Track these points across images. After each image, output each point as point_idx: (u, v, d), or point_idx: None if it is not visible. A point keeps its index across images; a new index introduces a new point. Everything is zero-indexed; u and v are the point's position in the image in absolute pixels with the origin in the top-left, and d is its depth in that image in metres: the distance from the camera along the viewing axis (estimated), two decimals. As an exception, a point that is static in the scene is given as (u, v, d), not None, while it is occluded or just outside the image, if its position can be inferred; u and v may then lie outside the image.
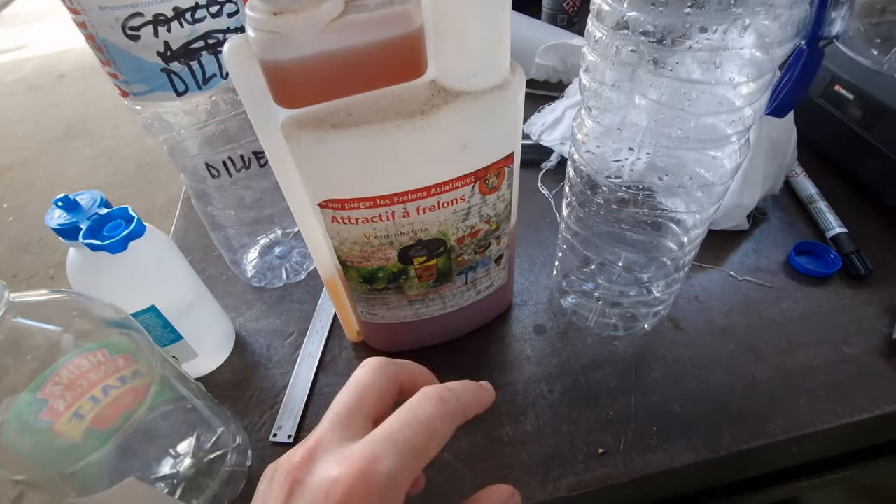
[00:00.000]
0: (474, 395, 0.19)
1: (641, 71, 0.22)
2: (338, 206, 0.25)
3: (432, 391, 0.17)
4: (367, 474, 0.15)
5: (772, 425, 0.31)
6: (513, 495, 0.19)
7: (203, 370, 0.36)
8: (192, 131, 0.31)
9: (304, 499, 0.15)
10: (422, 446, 0.16)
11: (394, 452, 0.15)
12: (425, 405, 0.17)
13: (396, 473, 0.15)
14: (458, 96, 0.23)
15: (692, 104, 0.22)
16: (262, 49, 0.20)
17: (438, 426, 0.17)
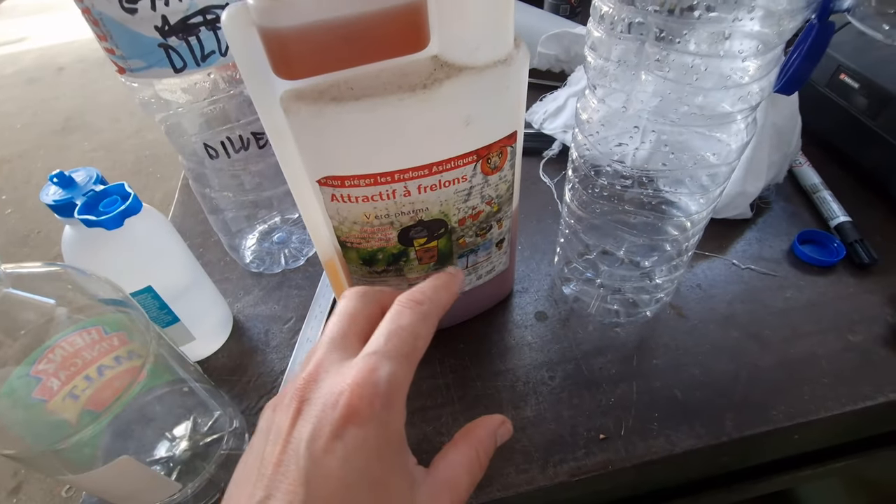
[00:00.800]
0: (445, 288, 0.20)
1: (648, 45, 0.22)
2: (337, 183, 0.25)
3: (405, 298, 0.19)
4: (369, 382, 0.16)
5: (774, 412, 0.31)
6: (503, 423, 0.21)
7: (200, 354, 0.36)
8: (191, 110, 0.31)
9: (312, 414, 0.16)
10: (410, 349, 0.18)
11: (387, 360, 0.17)
12: (405, 313, 0.18)
13: (394, 377, 0.17)
14: (461, 70, 0.23)
15: (699, 79, 0.21)
16: (261, 16, 0.19)
17: (420, 328, 0.18)
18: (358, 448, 0.16)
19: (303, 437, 0.16)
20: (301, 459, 0.15)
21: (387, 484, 0.16)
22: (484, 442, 0.20)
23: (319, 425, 0.16)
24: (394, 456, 0.17)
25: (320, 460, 0.15)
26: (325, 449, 0.15)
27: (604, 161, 0.29)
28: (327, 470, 0.15)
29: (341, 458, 0.15)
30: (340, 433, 0.15)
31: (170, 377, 0.27)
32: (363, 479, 0.16)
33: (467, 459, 0.19)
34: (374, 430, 0.16)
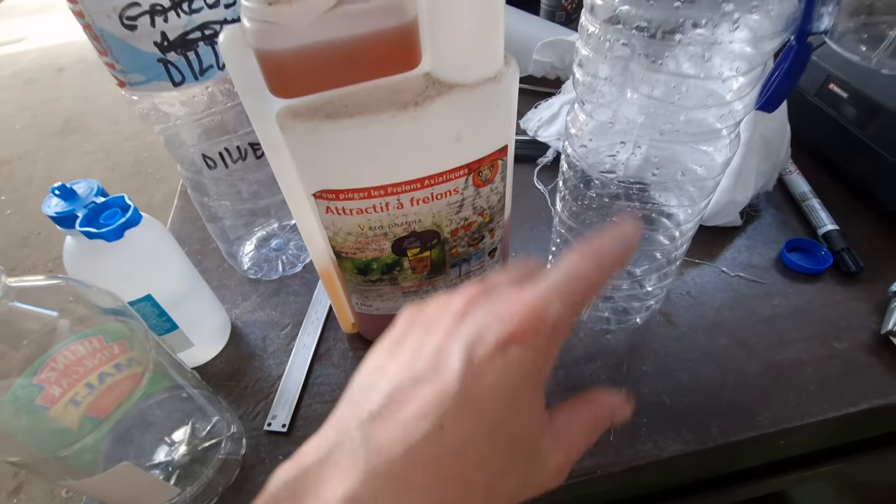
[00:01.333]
0: (626, 243, 0.19)
1: (633, 65, 0.23)
2: (332, 196, 0.25)
3: (589, 247, 0.18)
4: (539, 314, 0.16)
5: (760, 418, 0.31)
6: (625, 402, 0.20)
7: (198, 360, 0.37)
8: (189, 122, 0.32)
9: (479, 320, 0.17)
10: (581, 298, 0.18)
11: (560, 301, 0.17)
12: (587, 262, 0.18)
13: (563, 318, 0.17)
14: (451, 88, 0.23)
15: (683, 98, 0.22)
16: (256, 38, 0.20)
17: (596, 280, 0.18)
18: (515, 365, 0.16)
19: (467, 336, 0.16)
20: (461, 356, 0.16)
21: (528, 408, 0.16)
22: (603, 410, 0.19)
23: (484, 332, 0.16)
24: (538, 389, 0.17)
25: (480, 364, 0.16)
26: (487, 355, 0.16)
27: (593, 172, 0.29)
28: (484, 375, 0.15)
29: (499, 368, 0.16)
30: (503, 347, 0.16)
31: (168, 384, 0.28)
32: (512, 394, 0.16)
33: (586, 422, 0.19)
34: (532, 356, 0.16)
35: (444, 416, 0.15)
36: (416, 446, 0.14)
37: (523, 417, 0.16)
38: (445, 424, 0.15)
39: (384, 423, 0.15)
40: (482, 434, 0.15)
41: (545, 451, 0.17)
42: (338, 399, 0.35)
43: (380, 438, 0.15)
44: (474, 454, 0.15)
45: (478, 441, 0.15)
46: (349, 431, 0.15)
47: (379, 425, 0.15)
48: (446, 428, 0.15)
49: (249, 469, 0.32)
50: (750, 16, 0.20)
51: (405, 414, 0.15)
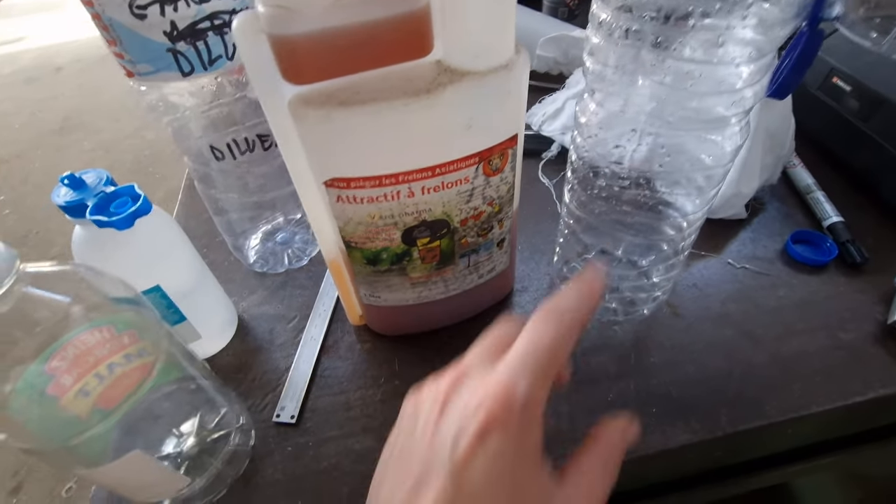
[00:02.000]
0: (589, 296, 0.20)
1: (644, 52, 0.23)
2: (343, 185, 0.25)
3: (548, 309, 0.19)
4: (507, 396, 0.17)
5: (768, 407, 0.32)
6: (632, 423, 0.21)
7: (206, 352, 0.37)
8: (197, 113, 0.32)
9: (455, 415, 0.17)
10: (548, 365, 0.18)
11: (526, 375, 0.17)
12: (547, 329, 0.18)
13: (531, 392, 0.17)
14: (463, 76, 0.23)
15: (694, 84, 0.22)
16: (270, 23, 0.20)
17: (561, 344, 0.18)
18: (498, 454, 0.16)
19: (449, 434, 0.17)
20: (447, 455, 0.16)
21: (527, 486, 0.17)
22: (617, 446, 0.20)
23: (462, 427, 0.17)
24: (532, 466, 0.17)
25: (465, 459, 0.16)
26: (469, 449, 0.16)
27: (602, 162, 0.29)
28: (472, 468, 0.16)
29: (483, 460, 0.16)
30: (482, 437, 0.16)
31: (178, 374, 0.28)
32: (505, 482, 0.16)
33: (601, 467, 0.19)
34: (512, 439, 0.16)
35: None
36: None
37: (524, 497, 0.17)
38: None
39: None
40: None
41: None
42: (346, 391, 0.35)
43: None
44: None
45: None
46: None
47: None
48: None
49: (258, 461, 0.32)
50: (762, 2, 0.20)
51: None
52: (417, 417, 0.19)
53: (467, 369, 0.19)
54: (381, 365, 0.36)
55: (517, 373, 0.17)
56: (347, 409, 0.33)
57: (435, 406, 0.18)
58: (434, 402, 0.18)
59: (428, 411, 0.19)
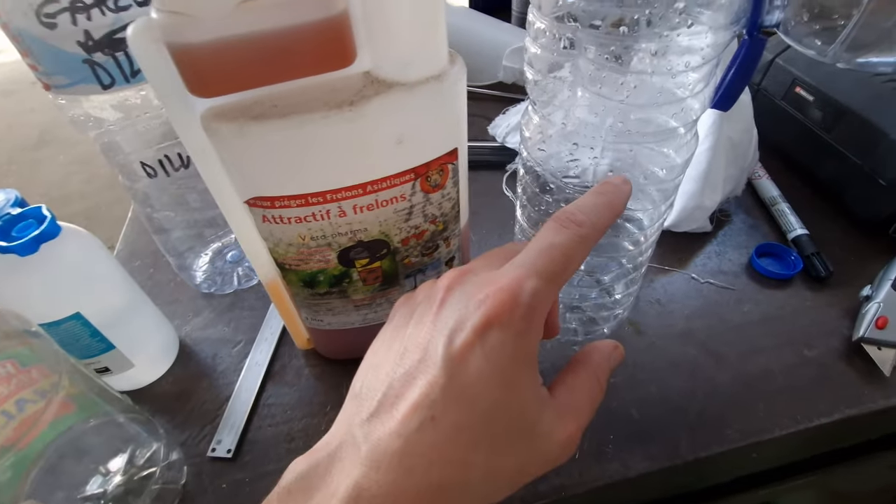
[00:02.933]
0: (608, 207, 0.19)
1: (581, 61, 0.21)
2: (267, 204, 0.24)
3: (564, 216, 0.18)
4: (513, 293, 0.16)
5: (730, 431, 0.30)
6: (616, 347, 0.21)
7: (141, 381, 0.34)
8: (125, 127, 0.30)
9: (456, 307, 0.17)
10: (559, 270, 0.17)
11: (536, 277, 0.17)
12: (561, 232, 0.18)
13: (539, 295, 0.17)
14: (391, 87, 0.22)
15: (633, 95, 0.21)
16: (167, 32, 0.18)
17: (576, 251, 0.18)
18: (496, 349, 0.16)
19: (447, 325, 0.17)
20: (443, 347, 0.16)
21: (518, 388, 0.16)
22: (602, 366, 0.20)
23: (462, 319, 0.16)
24: (527, 367, 0.17)
25: (461, 352, 0.16)
26: (466, 342, 0.16)
27: (556, 178, 0.28)
28: (467, 362, 0.16)
29: (480, 354, 0.16)
30: (482, 332, 0.16)
31: (91, 412, 0.26)
32: (499, 377, 0.16)
33: (588, 384, 0.19)
34: (511, 337, 0.16)
35: (434, 406, 0.16)
36: (411, 437, 0.15)
37: (516, 397, 0.16)
38: (437, 414, 0.15)
39: (381, 420, 0.16)
40: (474, 418, 0.16)
41: (548, 425, 0.17)
42: (290, 420, 0.33)
43: (378, 434, 0.16)
44: (468, 438, 0.16)
45: (471, 425, 0.16)
46: (352, 429, 0.17)
47: (377, 422, 0.16)
48: (438, 417, 0.15)
49: (190, 500, 0.29)
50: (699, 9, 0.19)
51: (400, 409, 0.16)
52: (413, 311, 0.19)
53: (471, 268, 0.19)
54: (328, 391, 0.34)
55: (526, 272, 0.17)
56: (289, 441, 0.31)
57: (433, 300, 0.18)
58: (432, 297, 0.18)
59: (425, 304, 0.18)
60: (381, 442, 0.16)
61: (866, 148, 0.39)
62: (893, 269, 0.35)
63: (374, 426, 0.16)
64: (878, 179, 0.38)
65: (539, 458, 0.17)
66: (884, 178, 0.38)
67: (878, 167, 0.38)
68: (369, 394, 0.17)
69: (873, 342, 0.33)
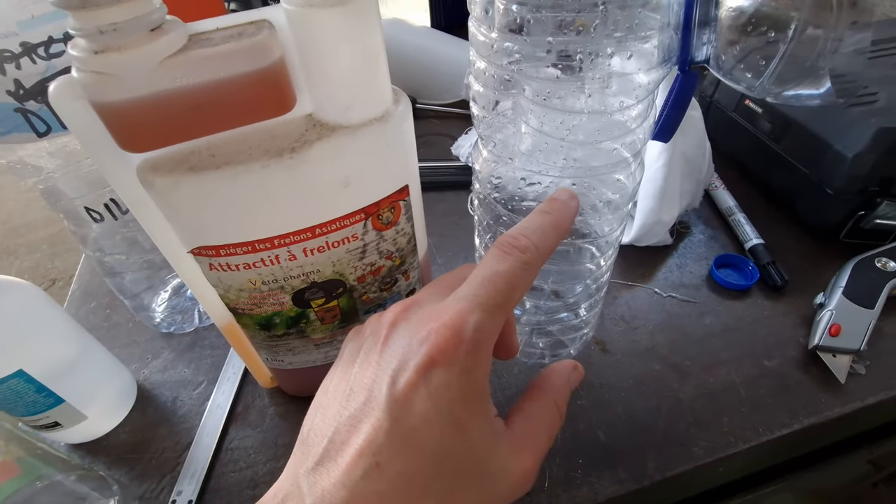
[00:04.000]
0: (553, 229, 0.18)
1: (521, 100, 0.22)
2: (212, 252, 0.23)
3: (506, 242, 0.18)
4: (456, 329, 0.16)
5: (696, 448, 0.30)
6: (575, 367, 0.21)
7: (96, 433, 0.33)
8: (66, 173, 0.29)
9: (399, 346, 0.16)
10: (504, 300, 0.17)
11: (479, 309, 0.16)
12: (506, 260, 0.17)
13: (483, 328, 0.16)
14: (333, 130, 0.22)
15: (572, 132, 0.21)
16: (90, 91, 0.18)
17: (520, 278, 0.17)
18: (440, 388, 0.15)
19: (391, 365, 0.16)
20: (386, 388, 0.16)
21: (469, 428, 0.16)
22: (560, 390, 0.19)
23: (405, 358, 0.16)
24: (477, 403, 0.16)
25: (405, 393, 0.15)
26: (410, 382, 0.15)
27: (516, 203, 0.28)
28: (411, 403, 0.15)
29: (425, 395, 0.15)
30: (425, 372, 0.15)
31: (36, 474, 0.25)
32: (445, 418, 0.15)
33: (546, 411, 0.19)
34: (457, 375, 0.16)
35: (379, 452, 0.15)
36: (356, 487, 0.15)
37: (465, 437, 0.16)
38: (382, 461, 0.15)
39: (326, 468, 0.16)
40: (422, 464, 0.15)
41: (503, 462, 0.17)
42: (253, 465, 0.32)
43: (323, 485, 0.15)
44: (416, 485, 0.15)
45: (418, 471, 0.15)
46: (297, 479, 0.16)
47: (322, 471, 0.16)
48: (383, 464, 0.15)
49: (148, 557, 0.28)
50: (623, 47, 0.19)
51: (344, 457, 0.15)
52: (360, 347, 0.18)
53: (417, 301, 0.18)
54: (293, 430, 0.33)
55: (469, 305, 0.16)
56: (253, 487, 0.30)
57: (378, 337, 0.17)
58: (377, 334, 0.18)
59: (371, 343, 0.18)
60: (326, 494, 0.15)
61: (813, 158, 0.40)
62: (844, 276, 0.36)
63: (320, 476, 0.16)
64: (826, 188, 0.40)
65: (494, 498, 0.17)
66: (831, 188, 0.39)
67: (825, 176, 0.39)
68: (315, 440, 0.17)
69: (828, 350, 0.34)
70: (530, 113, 0.21)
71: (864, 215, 0.39)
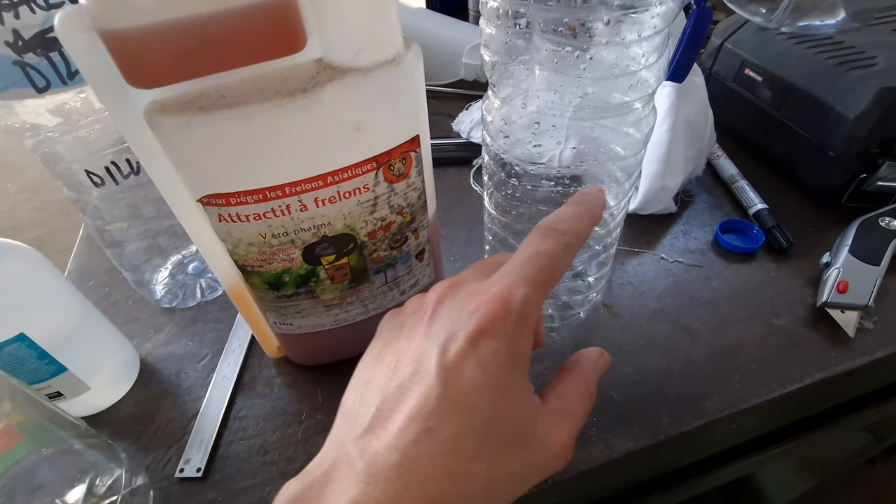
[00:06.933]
0: (589, 215, 0.19)
1: (536, 38, 0.21)
2: (221, 201, 0.22)
3: (547, 226, 0.19)
4: (504, 301, 0.16)
5: (709, 404, 0.30)
6: (602, 355, 0.22)
7: (99, 405, 0.32)
8: (66, 133, 0.28)
9: (448, 318, 0.17)
10: (546, 277, 0.18)
11: (525, 284, 0.17)
12: (546, 240, 0.18)
13: (529, 302, 0.17)
14: (345, 73, 0.21)
15: (588, 67, 0.21)
16: (98, 19, 0.17)
17: (561, 258, 0.18)
18: (490, 357, 0.16)
19: (440, 336, 0.16)
20: (436, 357, 0.16)
21: (514, 396, 0.17)
22: (590, 373, 0.20)
23: (455, 329, 0.16)
24: (520, 374, 0.17)
25: (455, 361, 0.16)
26: (460, 351, 0.16)
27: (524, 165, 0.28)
28: (461, 371, 0.16)
29: (474, 363, 0.16)
30: (474, 342, 0.16)
31: (43, 441, 0.24)
32: (494, 385, 0.16)
33: (578, 390, 0.20)
34: (505, 344, 0.16)
35: (430, 417, 0.15)
36: (408, 450, 0.15)
37: (511, 404, 0.17)
38: (433, 426, 0.15)
39: (376, 434, 0.16)
40: (472, 428, 0.16)
41: (543, 432, 0.17)
42: (262, 433, 0.31)
43: (374, 449, 0.15)
44: (467, 448, 0.16)
45: (469, 435, 0.16)
46: (345, 447, 0.16)
47: (372, 437, 0.16)
48: (435, 429, 0.15)
49: (158, 525, 0.27)
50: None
51: (395, 422, 0.16)
52: (402, 325, 0.19)
53: (461, 280, 0.19)
54: (302, 399, 0.32)
55: (515, 280, 0.17)
56: (263, 454, 0.30)
57: (423, 313, 0.18)
58: (422, 311, 0.18)
59: (415, 317, 0.18)
60: (378, 457, 0.15)
61: (814, 122, 0.41)
62: (849, 235, 0.37)
63: (370, 441, 0.16)
64: (828, 151, 0.40)
65: (537, 465, 0.17)
66: (833, 150, 0.39)
67: (827, 140, 0.40)
68: (362, 409, 0.17)
69: (837, 306, 0.34)
70: (545, 51, 0.21)
71: (865, 178, 0.39)
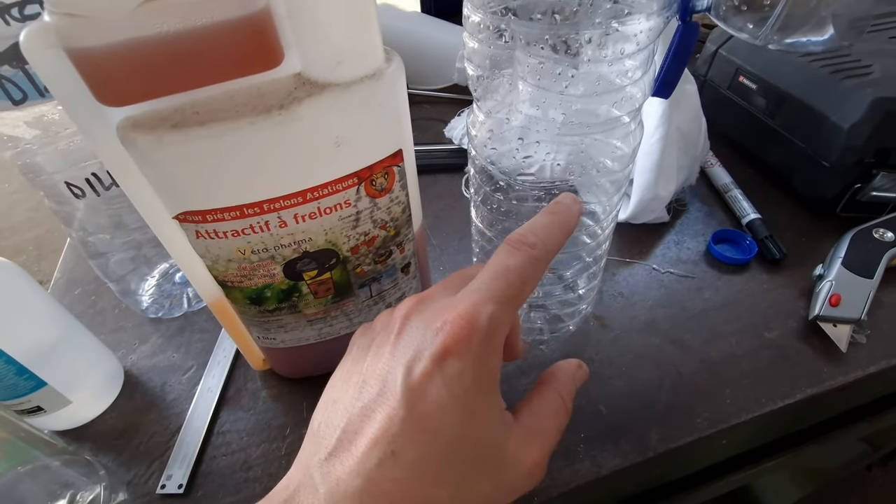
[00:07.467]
0: (560, 227, 0.19)
1: (519, 53, 0.21)
2: (198, 218, 0.22)
3: (516, 239, 0.18)
4: (471, 319, 0.16)
5: (699, 419, 0.30)
6: (580, 367, 0.21)
7: (82, 419, 0.32)
8: (45, 145, 0.28)
9: (414, 337, 0.17)
10: (515, 293, 0.17)
11: (492, 301, 0.17)
12: (514, 254, 0.18)
13: (496, 320, 0.16)
14: (324, 88, 0.21)
15: (571, 85, 0.20)
16: (64, 36, 0.17)
17: (530, 272, 0.18)
18: (455, 378, 0.16)
19: (405, 355, 0.16)
20: (401, 378, 0.16)
21: (481, 417, 0.16)
22: (567, 386, 0.20)
23: (420, 348, 0.16)
24: (488, 394, 0.17)
25: (420, 383, 0.15)
26: (425, 372, 0.15)
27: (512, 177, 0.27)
28: (426, 392, 0.15)
29: (440, 384, 0.15)
30: (440, 361, 0.16)
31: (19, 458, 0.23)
32: (460, 407, 0.16)
33: (553, 406, 0.19)
34: (471, 364, 0.16)
35: (394, 441, 0.15)
36: (371, 475, 0.15)
37: (479, 425, 0.16)
38: (397, 449, 0.15)
39: (340, 458, 0.15)
40: (437, 451, 0.15)
41: (515, 451, 0.17)
42: (246, 448, 0.31)
43: (338, 474, 0.15)
44: (431, 472, 0.15)
45: (433, 459, 0.15)
46: (310, 470, 0.16)
47: (336, 461, 0.15)
48: (398, 452, 0.15)
49: (138, 543, 0.27)
50: None
51: (359, 446, 0.15)
52: (371, 342, 0.18)
53: (429, 295, 0.19)
54: (287, 412, 0.32)
55: (482, 298, 0.17)
56: (246, 469, 0.29)
57: (390, 330, 0.17)
58: (389, 328, 0.18)
59: (383, 334, 0.18)
60: (341, 483, 0.15)
61: (809, 131, 0.40)
62: (842, 247, 0.36)
63: (333, 466, 0.15)
64: (822, 161, 0.39)
65: (508, 485, 0.17)
66: (827, 160, 0.39)
67: (822, 149, 0.39)
68: (327, 431, 0.16)
69: (829, 319, 0.33)
70: (528, 67, 0.21)
71: (860, 188, 0.39)
